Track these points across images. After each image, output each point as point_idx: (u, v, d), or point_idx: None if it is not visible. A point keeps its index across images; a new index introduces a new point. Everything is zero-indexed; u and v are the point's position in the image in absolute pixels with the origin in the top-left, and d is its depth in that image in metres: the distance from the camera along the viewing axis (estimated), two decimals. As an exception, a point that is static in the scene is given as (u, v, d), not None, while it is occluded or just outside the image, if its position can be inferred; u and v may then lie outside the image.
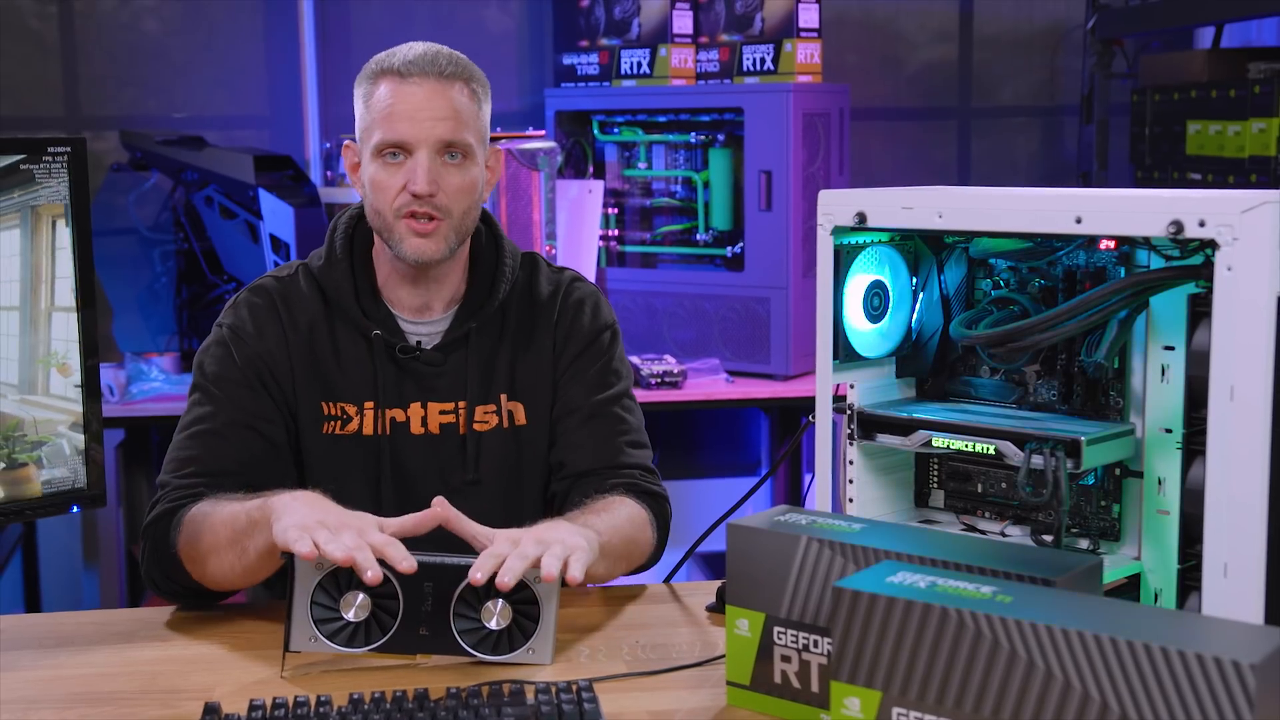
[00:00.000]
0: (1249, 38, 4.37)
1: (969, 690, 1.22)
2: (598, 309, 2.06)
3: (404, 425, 1.96)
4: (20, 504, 1.69)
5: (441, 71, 1.89)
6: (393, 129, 1.87)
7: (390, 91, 1.89)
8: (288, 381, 1.95)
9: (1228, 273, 1.36)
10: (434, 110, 1.87)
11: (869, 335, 1.74)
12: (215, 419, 1.91)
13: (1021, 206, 1.53)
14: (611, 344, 2.05)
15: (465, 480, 1.97)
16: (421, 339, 1.98)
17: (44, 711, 1.53)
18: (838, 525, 1.49)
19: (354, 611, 1.60)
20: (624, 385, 2.04)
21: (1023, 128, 4.58)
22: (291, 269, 2.02)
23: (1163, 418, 1.55)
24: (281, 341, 1.95)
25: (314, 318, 1.97)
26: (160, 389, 3.38)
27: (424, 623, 1.61)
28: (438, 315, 1.99)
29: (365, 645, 1.60)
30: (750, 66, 3.68)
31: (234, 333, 1.95)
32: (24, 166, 1.66)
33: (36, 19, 4.03)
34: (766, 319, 3.60)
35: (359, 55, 4.12)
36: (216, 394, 1.92)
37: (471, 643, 1.61)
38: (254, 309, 1.97)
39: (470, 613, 1.62)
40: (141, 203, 3.89)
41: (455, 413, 1.97)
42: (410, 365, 1.96)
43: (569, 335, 2.02)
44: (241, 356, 1.94)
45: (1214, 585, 1.40)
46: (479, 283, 2.00)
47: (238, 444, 1.90)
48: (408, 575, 1.60)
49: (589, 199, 3.68)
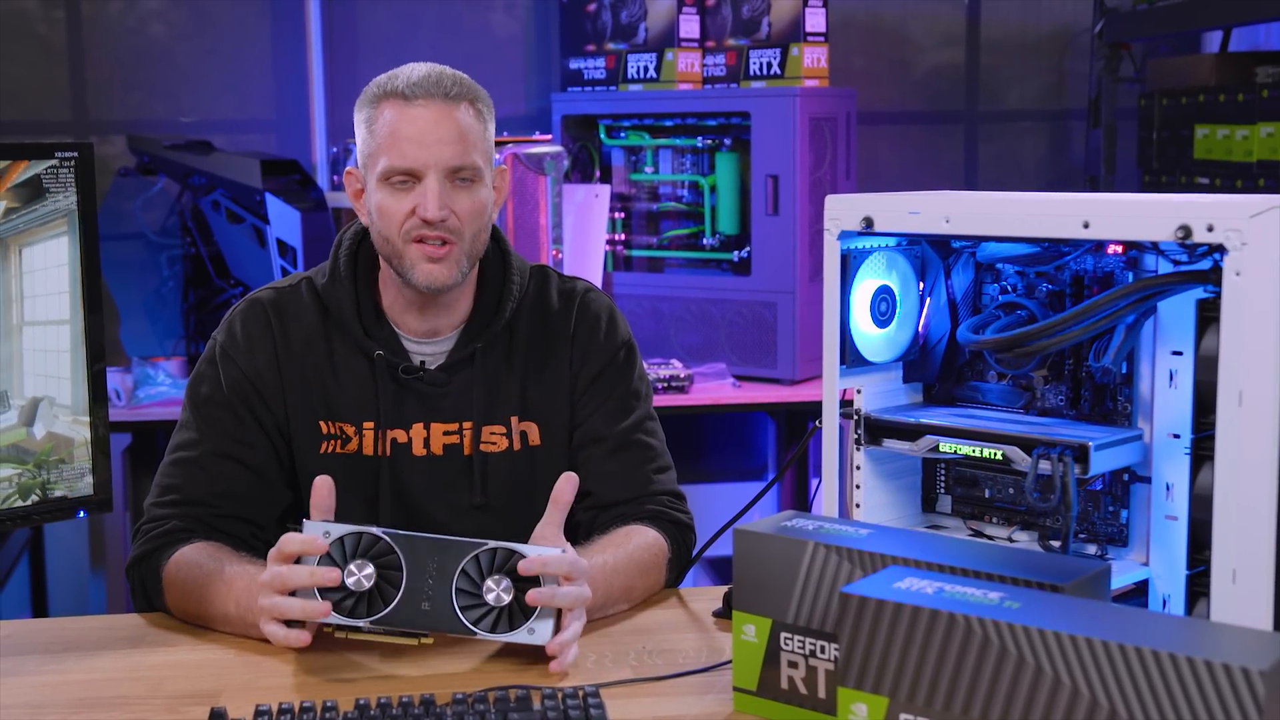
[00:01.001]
0: (1257, 41, 4.37)
1: (976, 696, 1.22)
2: (614, 324, 2.02)
3: (405, 446, 1.93)
4: (27, 509, 1.69)
5: (447, 93, 1.84)
6: (400, 155, 1.83)
7: (395, 116, 1.83)
8: (278, 402, 1.92)
9: (1236, 278, 1.36)
10: (441, 134, 1.83)
11: (876, 340, 1.73)
12: (197, 447, 1.90)
13: (1029, 211, 1.53)
14: (629, 361, 2.02)
15: (473, 504, 1.95)
16: (426, 359, 1.95)
17: (50, 716, 1.53)
18: (845, 530, 1.48)
19: (358, 579, 1.60)
20: (645, 407, 2.02)
21: (1030, 132, 4.57)
22: (294, 281, 1.99)
23: (1171, 423, 1.55)
24: (273, 361, 1.92)
25: (311, 334, 1.94)
26: (167, 393, 3.38)
27: (426, 597, 1.61)
28: (443, 336, 1.96)
29: (368, 616, 1.60)
30: (757, 71, 3.68)
31: (225, 352, 1.93)
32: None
33: (43, 23, 4.03)
34: (773, 323, 3.60)
35: (366, 59, 4.14)
36: (200, 420, 1.92)
37: (472, 619, 1.61)
38: (247, 325, 1.94)
39: (472, 589, 1.62)
40: (148, 207, 3.89)
41: (459, 433, 1.94)
42: (413, 385, 1.93)
43: (586, 353, 1.99)
44: (229, 379, 1.92)
45: (1222, 591, 1.40)
46: (486, 301, 1.96)
47: (216, 475, 1.89)
48: (412, 548, 1.61)
49: (595, 203, 3.68)
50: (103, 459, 1.74)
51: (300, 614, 1.59)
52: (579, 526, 1.98)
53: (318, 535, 1.61)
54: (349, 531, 1.61)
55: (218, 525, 1.87)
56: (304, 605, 1.59)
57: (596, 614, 1.76)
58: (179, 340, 3.77)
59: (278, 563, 1.62)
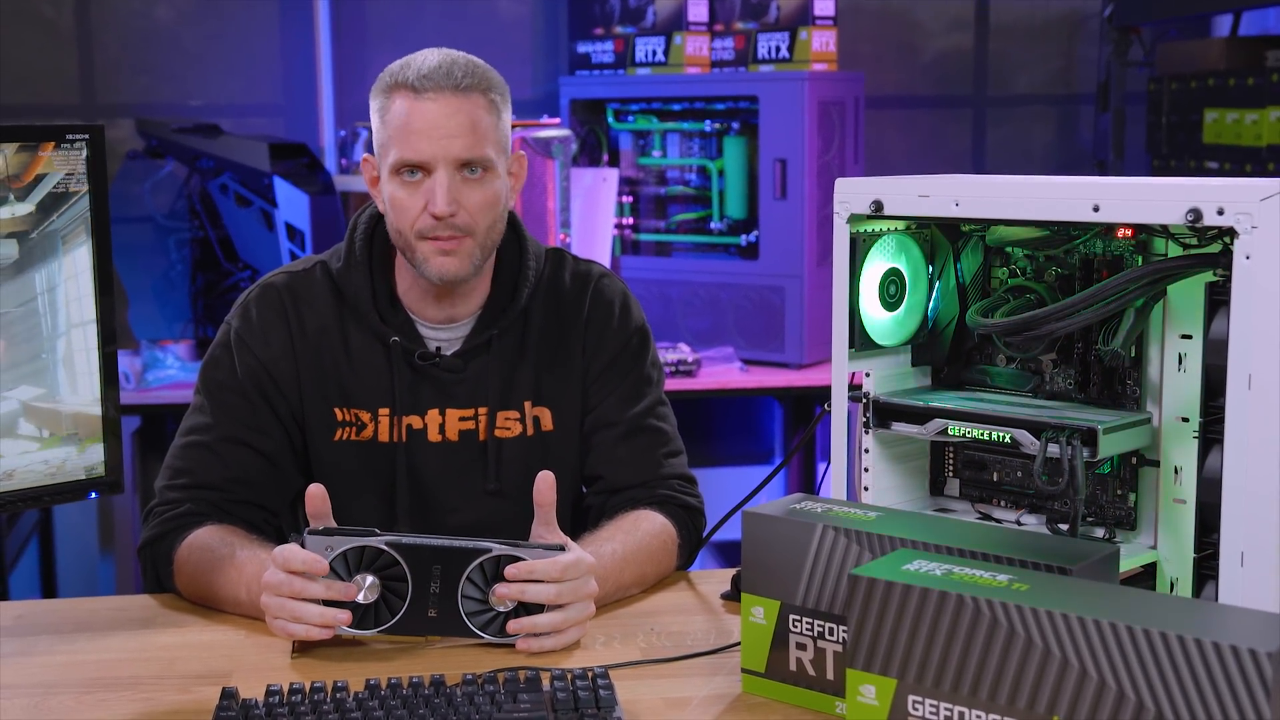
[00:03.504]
0: (1267, 25, 4.35)
1: (985, 678, 1.22)
2: (627, 309, 2.02)
3: (421, 433, 1.93)
4: (38, 490, 1.70)
5: (457, 85, 1.82)
6: (410, 147, 1.82)
7: (405, 108, 1.82)
8: (293, 390, 1.93)
9: (1246, 261, 1.36)
10: (451, 127, 1.81)
11: (885, 323, 1.73)
12: (210, 432, 1.91)
13: (1039, 195, 1.53)
14: (642, 348, 2.02)
15: (486, 490, 1.95)
16: (441, 345, 1.95)
17: (63, 696, 1.54)
18: (853, 513, 1.49)
19: (363, 594, 1.60)
20: (657, 392, 2.02)
21: (1039, 116, 4.56)
22: (309, 264, 1.98)
23: (1179, 406, 1.55)
24: (288, 348, 1.92)
25: (326, 320, 1.94)
26: (176, 376, 3.39)
27: (432, 605, 1.62)
28: (459, 322, 1.95)
29: (374, 627, 1.61)
30: (765, 54, 3.67)
31: (239, 337, 1.93)
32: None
33: (51, 7, 4.03)
34: (781, 307, 3.60)
35: (374, 43, 4.14)
36: (214, 405, 1.92)
37: (479, 625, 1.62)
38: (262, 311, 1.94)
39: (478, 595, 1.62)
40: (157, 190, 3.90)
41: (475, 419, 1.94)
42: (429, 371, 1.93)
43: (600, 339, 1.99)
44: (243, 366, 1.92)
45: (1230, 574, 1.40)
46: (502, 287, 1.96)
47: (229, 460, 1.89)
48: (416, 558, 1.61)
49: (604, 187, 3.68)
50: (114, 441, 1.74)
51: (319, 620, 1.59)
52: (589, 510, 1.98)
53: (320, 553, 1.60)
54: (351, 546, 1.61)
55: (230, 510, 1.88)
56: (323, 613, 1.59)
57: (608, 600, 1.77)
58: (187, 323, 3.78)
59: (280, 575, 1.61)
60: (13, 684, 1.57)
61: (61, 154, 1.66)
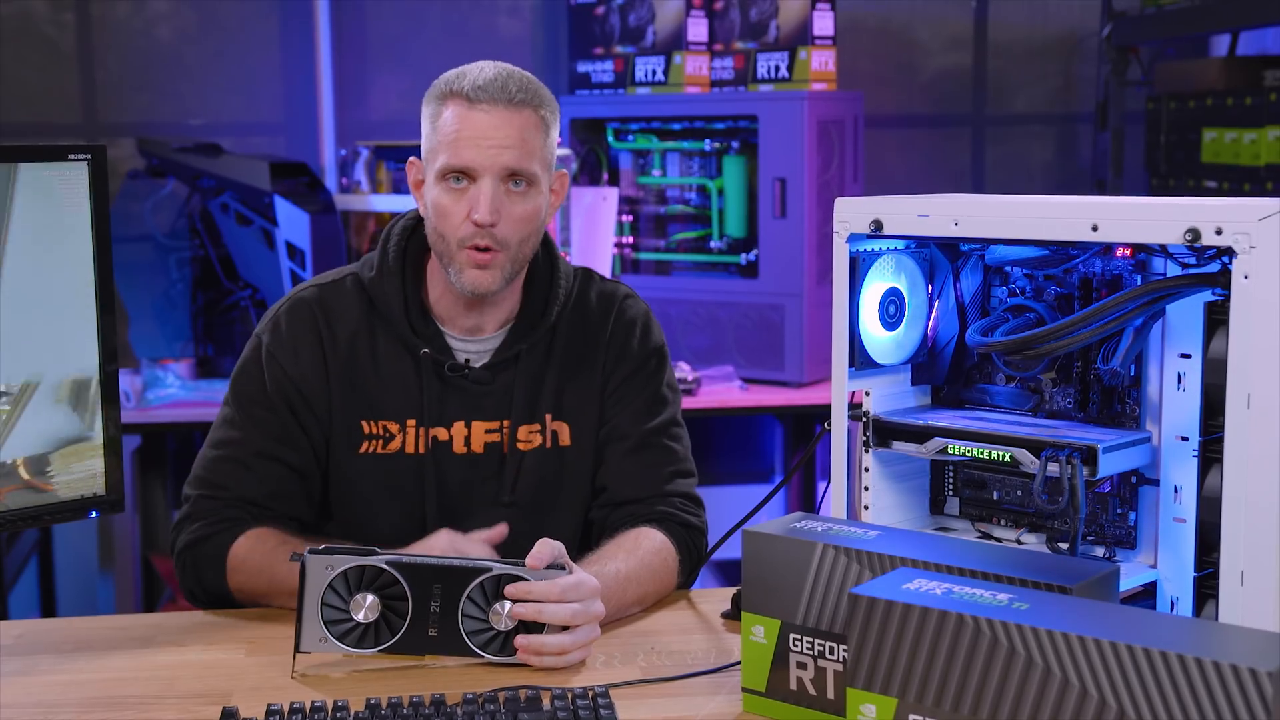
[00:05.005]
0: (1265, 45, 4.37)
1: (985, 697, 1.22)
2: (648, 330, 2.04)
3: (446, 444, 1.95)
4: (39, 509, 1.70)
5: (511, 98, 1.85)
6: (458, 155, 1.84)
7: (457, 116, 1.85)
8: (323, 405, 1.94)
9: (1244, 281, 1.36)
10: (500, 138, 1.84)
11: (885, 342, 1.74)
12: (244, 447, 1.92)
13: (1038, 214, 1.53)
14: (659, 368, 2.03)
15: (502, 501, 1.96)
16: (470, 357, 1.96)
17: (64, 715, 1.54)
18: (853, 532, 1.49)
19: (364, 613, 1.61)
20: (672, 412, 2.03)
21: (1037, 135, 4.57)
22: (340, 275, 2.00)
23: (1179, 425, 1.55)
24: (319, 363, 1.94)
25: (356, 330, 1.95)
26: (176, 395, 3.39)
27: (432, 624, 1.62)
28: (489, 334, 1.97)
29: (375, 646, 1.62)
30: (765, 74, 3.68)
31: (270, 352, 1.94)
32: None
33: (52, 26, 4.05)
34: (781, 326, 3.60)
35: (374, 62, 4.15)
36: (245, 418, 1.94)
37: (479, 644, 1.62)
38: (292, 325, 1.95)
39: (478, 614, 1.63)
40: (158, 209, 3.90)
41: (500, 431, 1.96)
42: (456, 383, 1.95)
43: (619, 356, 2.00)
44: (274, 380, 1.93)
45: (1230, 593, 1.40)
46: (533, 303, 1.98)
47: (264, 475, 1.92)
48: (416, 577, 1.61)
49: (603, 206, 3.69)
50: (114, 459, 1.74)
51: None
52: (592, 524, 1.99)
53: (321, 572, 1.61)
54: (352, 565, 1.62)
55: (268, 523, 1.90)
56: None
57: (611, 619, 1.77)
58: (188, 342, 3.78)
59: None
60: (14, 703, 1.57)
61: (63, 173, 1.67)
